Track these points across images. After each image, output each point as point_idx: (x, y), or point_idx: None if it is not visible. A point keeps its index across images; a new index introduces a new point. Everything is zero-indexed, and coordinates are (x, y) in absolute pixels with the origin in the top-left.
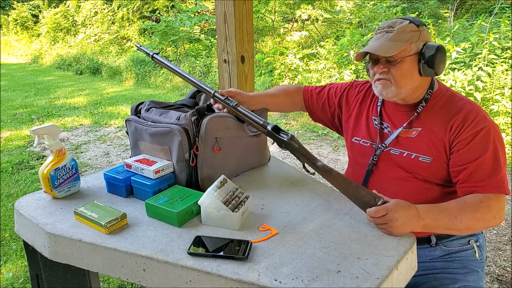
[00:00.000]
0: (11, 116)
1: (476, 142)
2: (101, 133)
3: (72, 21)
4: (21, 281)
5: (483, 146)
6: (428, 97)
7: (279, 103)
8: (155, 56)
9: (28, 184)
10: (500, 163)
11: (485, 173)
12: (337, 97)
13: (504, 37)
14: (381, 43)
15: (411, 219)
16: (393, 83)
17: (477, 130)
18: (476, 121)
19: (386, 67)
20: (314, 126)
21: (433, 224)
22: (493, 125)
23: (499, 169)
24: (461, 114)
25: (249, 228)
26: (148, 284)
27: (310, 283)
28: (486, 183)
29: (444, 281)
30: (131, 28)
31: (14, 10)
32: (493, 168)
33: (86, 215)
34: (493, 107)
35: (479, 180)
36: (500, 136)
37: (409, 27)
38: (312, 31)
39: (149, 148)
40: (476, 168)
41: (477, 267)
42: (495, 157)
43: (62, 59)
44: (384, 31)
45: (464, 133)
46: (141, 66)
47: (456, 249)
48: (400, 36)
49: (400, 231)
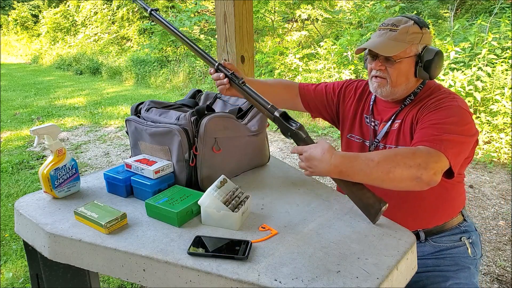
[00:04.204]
0: (11, 116)
1: (434, 112)
2: (101, 133)
3: (72, 21)
4: (21, 281)
5: (440, 116)
6: (418, 91)
7: (275, 94)
8: (153, 13)
9: (28, 184)
10: (451, 131)
11: (429, 133)
12: (336, 94)
13: (504, 37)
14: (383, 40)
15: (325, 157)
16: (388, 83)
17: (440, 104)
18: (444, 100)
19: (384, 65)
20: (314, 126)
21: (348, 168)
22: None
23: (447, 134)
24: (434, 97)
25: (249, 228)
26: (148, 284)
27: (310, 283)
28: (426, 139)
29: (435, 279)
30: (131, 28)
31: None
32: (441, 131)
33: (86, 215)
34: (493, 107)
35: (421, 137)
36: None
37: (413, 28)
38: (312, 31)
39: (149, 148)
40: (425, 129)
41: (469, 264)
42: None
43: (62, 59)
44: (387, 28)
45: (428, 109)
46: (141, 66)
47: (447, 245)
48: (402, 36)
49: (318, 170)
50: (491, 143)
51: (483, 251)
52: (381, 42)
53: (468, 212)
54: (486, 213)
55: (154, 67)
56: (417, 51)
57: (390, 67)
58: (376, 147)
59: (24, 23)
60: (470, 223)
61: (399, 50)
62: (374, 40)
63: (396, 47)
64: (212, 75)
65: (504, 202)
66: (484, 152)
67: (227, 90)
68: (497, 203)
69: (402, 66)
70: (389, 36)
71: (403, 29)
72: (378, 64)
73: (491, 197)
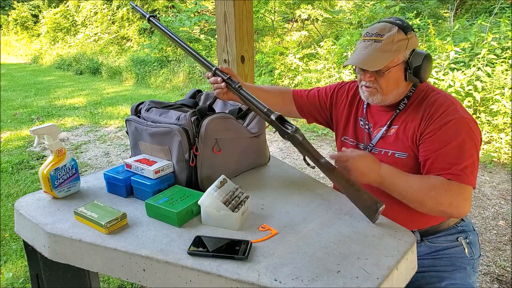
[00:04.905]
0: (11, 116)
1: (441, 133)
2: (101, 133)
3: (72, 21)
4: (21, 281)
5: (448, 137)
6: (411, 94)
7: (270, 100)
8: (151, 19)
9: (28, 184)
10: (464, 154)
11: (446, 161)
12: (328, 98)
13: (504, 37)
14: (369, 53)
15: (370, 172)
16: (379, 92)
17: (445, 122)
18: (446, 113)
19: (373, 76)
20: (314, 125)
21: (389, 185)
22: (464, 118)
23: (462, 159)
24: (434, 106)
25: (249, 228)
26: (148, 284)
27: (310, 283)
28: (447, 171)
29: (431, 279)
30: (131, 28)
31: (14, 10)
32: (456, 157)
33: (86, 215)
34: (493, 107)
35: (440, 169)
36: (471, 130)
37: (398, 36)
38: (312, 31)
39: (149, 148)
40: (438, 156)
41: (465, 264)
42: (459, 147)
43: (62, 59)
44: (372, 40)
45: (432, 124)
46: (141, 66)
47: (444, 246)
48: (388, 46)
49: (357, 179)
50: (491, 143)
51: (483, 251)
52: (367, 55)
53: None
54: (486, 213)
55: (154, 67)
56: (405, 57)
57: (379, 78)
58: (370, 151)
59: (24, 23)
60: (467, 223)
61: (386, 62)
62: (360, 53)
63: (383, 59)
64: (209, 79)
65: (504, 202)
66: (484, 152)
67: (224, 94)
68: (497, 203)
69: (391, 75)
70: (374, 47)
71: (388, 39)
72: (367, 76)
73: (491, 197)
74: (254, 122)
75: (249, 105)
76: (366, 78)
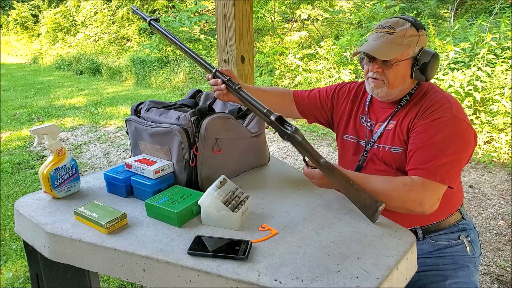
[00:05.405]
0: (11, 116)
1: (428, 127)
2: (101, 133)
3: (72, 21)
4: (21, 281)
5: (433, 132)
6: (413, 92)
7: (270, 100)
8: (152, 22)
9: (28, 184)
10: (446, 151)
11: (424, 156)
12: (329, 98)
13: (504, 37)
14: (380, 43)
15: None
16: (385, 84)
17: (435, 118)
18: (438, 110)
19: (381, 67)
20: (314, 125)
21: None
22: (456, 117)
23: (443, 155)
24: (430, 102)
25: (249, 228)
26: (148, 284)
27: (310, 283)
28: (421, 166)
29: (434, 278)
30: (131, 28)
31: (14, 10)
32: (436, 153)
33: (86, 215)
34: (492, 107)
35: (416, 163)
36: (462, 129)
37: (410, 31)
38: (312, 31)
39: (149, 148)
40: (419, 150)
41: (468, 262)
42: (442, 143)
43: (62, 59)
44: (385, 31)
45: (423, 119)
46: (141, 66)
47: (446, 244)
48: (400, 39)
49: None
50: (491, 143)
51: (483, 251)
52: (378, 45)
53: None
54: (486, 213)
55: (154, 67)
56: (414, 53)
57: (387, 70)
58: (371, 147)
59: (24, 23)
60: (468, 221)
61: (397, 54)
62: (372, 43)
63: (394, 51)
64: (209, 81)
65: (504, 202)
66: (484, 152)
67: (224, 95)
68: (497, 203)
69: (399, 68)
70: (386, 39)
71: (400, 32)
72: (375, 67)
73: (491, 197)
74: (253, 122)
75: (249, 106)
76: (374, 69)
